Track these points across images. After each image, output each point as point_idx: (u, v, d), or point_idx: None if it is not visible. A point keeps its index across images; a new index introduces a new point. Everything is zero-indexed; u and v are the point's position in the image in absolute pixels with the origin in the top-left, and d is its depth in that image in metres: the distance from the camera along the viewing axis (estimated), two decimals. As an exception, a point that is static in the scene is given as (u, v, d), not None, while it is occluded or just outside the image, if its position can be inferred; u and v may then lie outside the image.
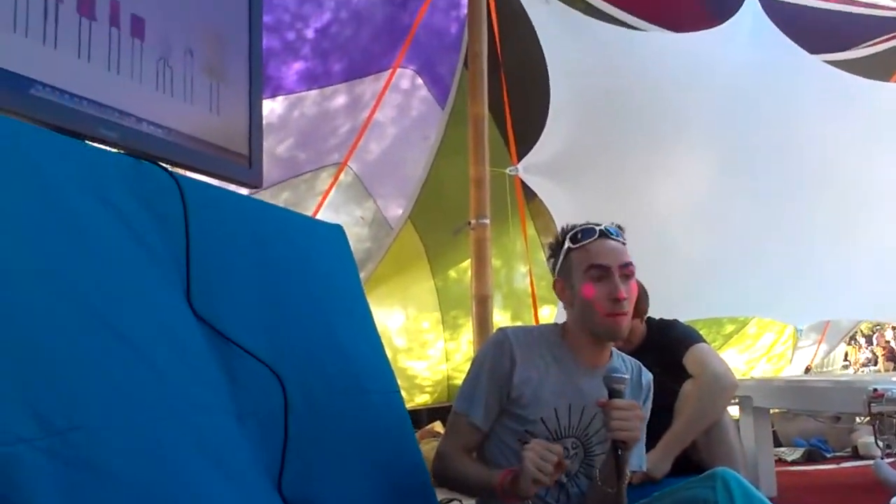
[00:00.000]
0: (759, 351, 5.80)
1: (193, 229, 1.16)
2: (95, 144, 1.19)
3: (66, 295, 0.90)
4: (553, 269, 1.67)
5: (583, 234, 1.57)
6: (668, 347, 2.29)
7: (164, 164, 1.27)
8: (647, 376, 1.67)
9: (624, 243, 1.59)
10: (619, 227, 1.61)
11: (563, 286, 1.61)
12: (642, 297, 2.30)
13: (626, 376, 1.44)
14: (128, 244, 1.04)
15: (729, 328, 5.54)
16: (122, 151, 1.25)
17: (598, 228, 1.57)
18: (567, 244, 1.59)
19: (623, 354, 1.69)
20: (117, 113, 1.20)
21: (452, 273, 4.83)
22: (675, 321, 2.45)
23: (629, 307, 1.53)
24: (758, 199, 3.84)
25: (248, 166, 1.53)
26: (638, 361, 1.69)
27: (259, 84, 1.58)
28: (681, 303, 3.23)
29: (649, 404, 1.65)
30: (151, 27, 1.27)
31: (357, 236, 4.24)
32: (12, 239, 0.87)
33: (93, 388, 0.88)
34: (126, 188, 1.09)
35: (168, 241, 1.13)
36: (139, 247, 1.06)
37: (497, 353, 1.57)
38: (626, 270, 1.54)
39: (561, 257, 1.62)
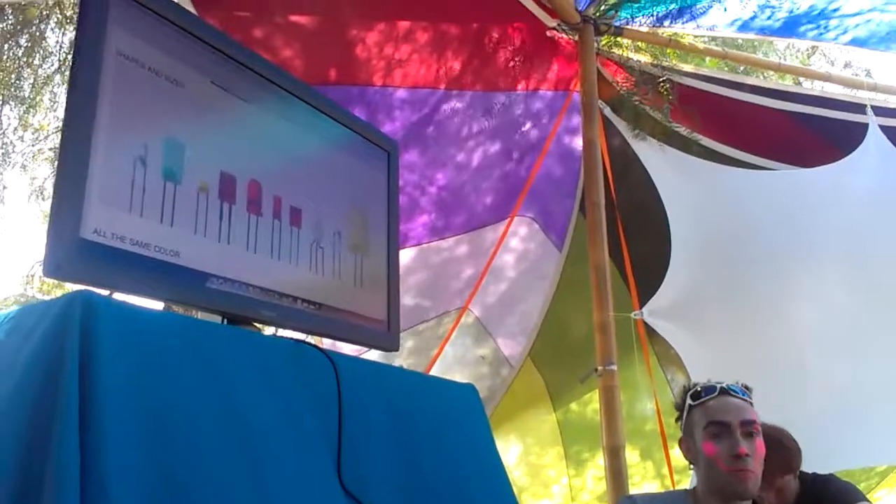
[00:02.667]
0: (918, 490, 5.19)
1: (345, 406, 1.22)
2: (257, 325, 1.31)
3: (232, 495, 0.96)
4: (681, 429, 1.66)
5: (704, 391, 1.58)
6: (825, 507, 2.11)
7: (316, 339, 1.37)
8: None
9: (750, 402, 1.57)
10: (746, 387, 1.61)
11: (688, 445, 1.60)
12: (795, 453, 2.17)
13: None
14: (289, 431, 1.11)
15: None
16: (278, 329, 1.37)
17: (719, 386, 1.57)
18: (688, 401, 1.60)
19: None
20: (277, 295, 1.31)
21: (574, 405, 4.72)
22: (832, 476, 2.26)
23: (754, 465, 1.49)
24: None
25: (386, 330, 1.61)
26: None
27: (396, 253, 1.68)
28: (826, 449, 2.98)
29: None
30: (307, 216, 1.40)
31: (478, 375, 4.28)
32: (190, 441, 0.94)
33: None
34: (288, 372, 1.18)
35: (322, 419, 1.19)
36: (299, 431, 1.13)
37: None
38: (749, 428, 1.52)
39: (685, 415, 1.62)
